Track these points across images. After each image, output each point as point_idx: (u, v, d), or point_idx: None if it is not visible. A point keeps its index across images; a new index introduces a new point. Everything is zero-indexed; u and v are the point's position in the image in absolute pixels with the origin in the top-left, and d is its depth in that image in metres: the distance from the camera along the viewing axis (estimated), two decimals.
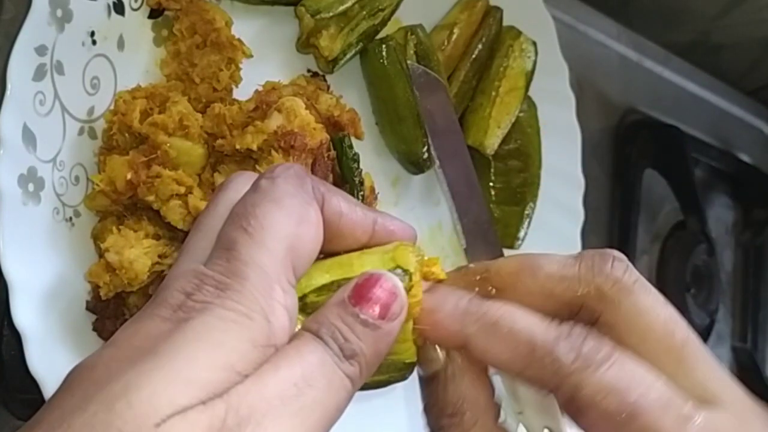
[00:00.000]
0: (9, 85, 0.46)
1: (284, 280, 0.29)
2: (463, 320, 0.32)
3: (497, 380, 0.35)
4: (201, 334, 0.26)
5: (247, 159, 0.52)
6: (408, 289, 0.32)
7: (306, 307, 0.32)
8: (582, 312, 0.33)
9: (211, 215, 0.32)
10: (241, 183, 0.33)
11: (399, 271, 0.32)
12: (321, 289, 0.32)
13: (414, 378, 0.35)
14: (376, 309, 0.29)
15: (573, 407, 0.30)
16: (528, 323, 0.31)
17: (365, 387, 0.32)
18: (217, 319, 0.27)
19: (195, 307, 0.27)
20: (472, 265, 0.35)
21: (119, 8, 0.53)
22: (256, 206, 0.30)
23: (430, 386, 0.33)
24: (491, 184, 0.70)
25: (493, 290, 0.33)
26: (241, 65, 0.55)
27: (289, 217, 0.30)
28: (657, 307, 0.32)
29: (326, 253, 0.33)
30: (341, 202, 0.33)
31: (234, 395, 0.25)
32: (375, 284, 0.30)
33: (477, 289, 0.33)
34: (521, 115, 0.70)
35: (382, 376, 0.33)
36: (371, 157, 0.64)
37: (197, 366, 0.25)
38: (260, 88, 0.56)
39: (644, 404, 0.29)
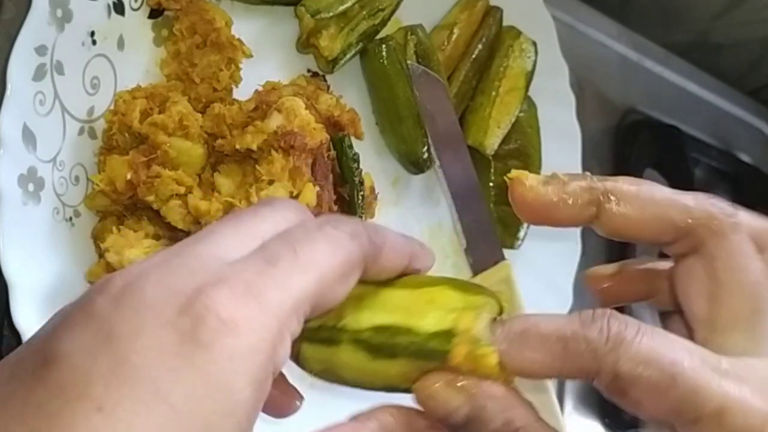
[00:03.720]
0: (9, 85, 0.46)
1: (295, 322, 0.29)
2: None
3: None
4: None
5: (247, 159, 0.52)
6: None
7: (361, 342, 0.32)
8: (684, 240, 0.33)
9: (254, 221, 0.31)
10: (284, 214, 0.32)
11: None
12: (380, 329, 0.32)
13: None
14: None
15: (616, 388, 0.30)
16: (552, 322, 0.31)
17: None
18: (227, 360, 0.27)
19: (202, 333, 0.26)
20: (589, 176, 0.35)
21: (119, 8, 0.53)
22: (313, 241, 0.30)
23: None
24: (491, 184, 0.70)
25: (614, 200, 0.34)
26: (241, 65, 0.55)
27: (333, 272, 0.30)
28: (755, 257, 0.33)
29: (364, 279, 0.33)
30: (387, 239, 0.33)
31: None
32: None
33: (599, 197, 0.34)
34: (521, 115, 0.70)
35: None
36: (371, 157, 0.64)
37: None
38: (260, 88, 0.56)
39: (682, 366, 0.29)
